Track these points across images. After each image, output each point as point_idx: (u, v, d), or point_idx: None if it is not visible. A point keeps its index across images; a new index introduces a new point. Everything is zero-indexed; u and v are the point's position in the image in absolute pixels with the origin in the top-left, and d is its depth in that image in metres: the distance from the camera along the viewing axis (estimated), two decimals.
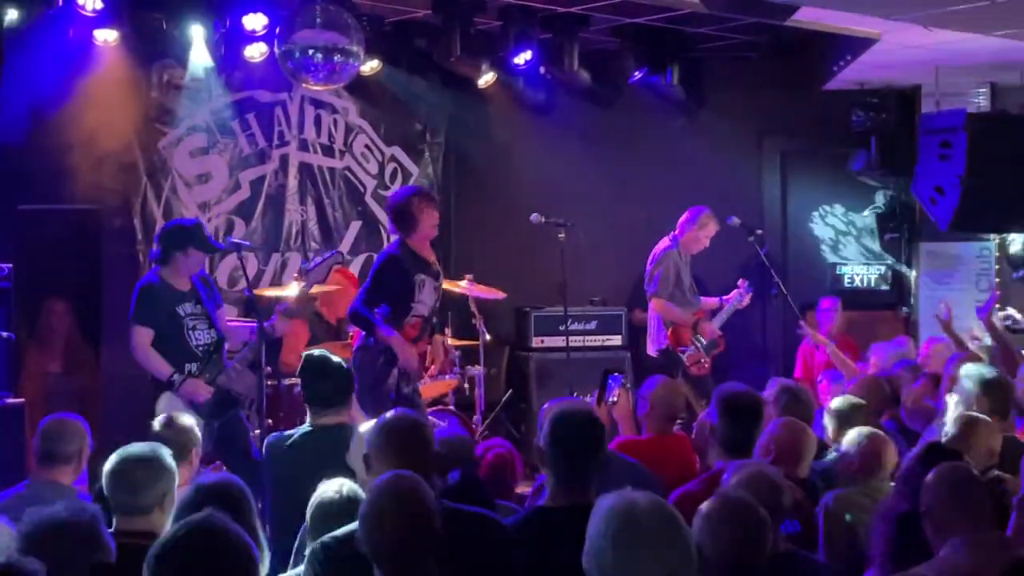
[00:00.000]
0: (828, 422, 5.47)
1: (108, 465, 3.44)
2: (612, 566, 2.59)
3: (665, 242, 8.43)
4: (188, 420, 4.77)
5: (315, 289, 6.72)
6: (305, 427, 4.91)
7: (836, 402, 5.58)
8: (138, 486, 3.43)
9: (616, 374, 5.52)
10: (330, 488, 3.67)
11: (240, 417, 6.41)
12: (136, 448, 3.55)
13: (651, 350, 8.51)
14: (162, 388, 6.24)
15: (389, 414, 3.62)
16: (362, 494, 3.56)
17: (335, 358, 5.13)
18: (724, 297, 8.51)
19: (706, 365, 8.32)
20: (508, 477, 5.02)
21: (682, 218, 8.43)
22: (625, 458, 4.70)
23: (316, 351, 5.28)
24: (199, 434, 4.76)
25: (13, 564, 2.53)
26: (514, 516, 3.66)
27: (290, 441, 4.85)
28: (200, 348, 6.39)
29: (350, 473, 3.94)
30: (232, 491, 3.34)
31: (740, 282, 8.51)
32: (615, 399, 5.45)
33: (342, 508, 3.57)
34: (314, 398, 4.91)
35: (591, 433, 3.67)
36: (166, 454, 3.56)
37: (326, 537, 3.33)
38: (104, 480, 3.46)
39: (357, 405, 5.47)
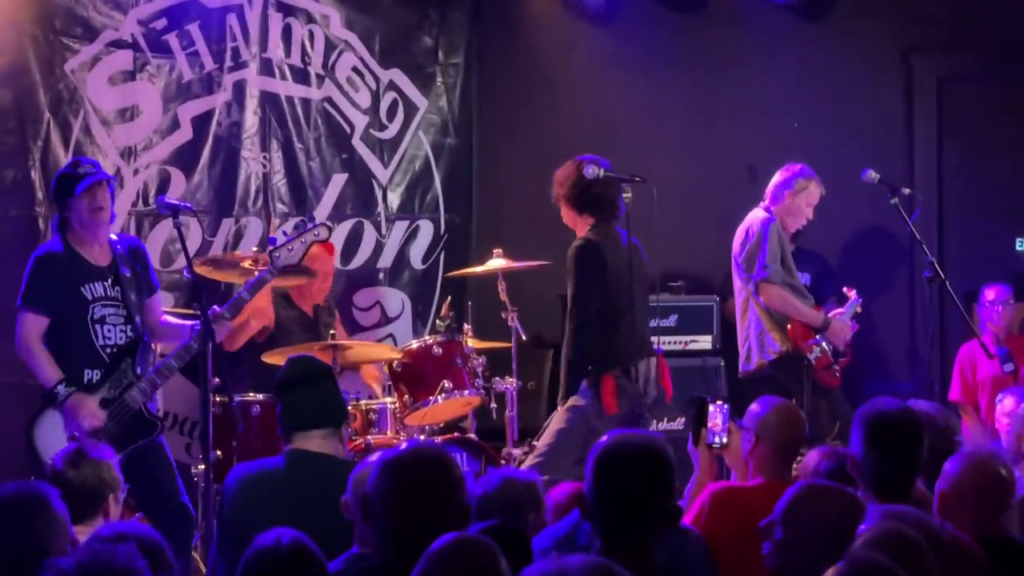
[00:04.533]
0: None
1: None
2: None
3: (760, 213, 8.01)
4: (105, 454, 4.83)
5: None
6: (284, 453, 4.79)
7: None
8: (9, 542, 3.50)
9: (720, 403, 5.24)
10: (268, 538, 3.62)
11: (161, 446, 6.29)
12: (8, 491, 3.62)
13: (750, 365, 8.06)
14: (46, 402, 6.17)
15: (403, 445, 3.70)
16: (311, 547, 3.68)
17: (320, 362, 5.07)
18: (833, 312, 8.12)
19: (837, 374, 7.99)
20: None
21: (772, 183, 8.11)
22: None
23: (297, 354, 5.28)
24: (117, 474, 4.81)
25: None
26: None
27: (261, 471, 4.80)
28: (108, 349, 6.26)
29: (339, 519, 4.06)
30: (150, 548, 3.36)
31: (848, 291, 8.20)
32: (724, 440, 5.22)
33: (284, 566, 3.55)
34: (293, 417, 4.83)
35: (650, 476, 3.72)
36: (52, 498, 3.59)
37: None
38: None
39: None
